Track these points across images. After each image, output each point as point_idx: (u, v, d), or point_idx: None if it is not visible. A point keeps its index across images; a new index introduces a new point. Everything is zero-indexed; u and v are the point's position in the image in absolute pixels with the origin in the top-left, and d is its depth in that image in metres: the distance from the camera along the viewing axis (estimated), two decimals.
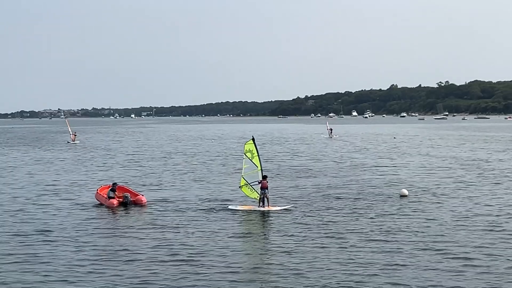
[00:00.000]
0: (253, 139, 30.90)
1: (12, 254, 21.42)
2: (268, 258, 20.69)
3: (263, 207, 29.52)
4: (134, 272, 18.93)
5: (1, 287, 17.79)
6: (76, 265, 19.91)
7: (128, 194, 31.23)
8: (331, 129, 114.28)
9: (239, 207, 30.14)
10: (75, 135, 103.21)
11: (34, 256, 21.13)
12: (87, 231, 25.31)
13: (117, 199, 30.95)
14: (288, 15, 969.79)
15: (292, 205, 30.79)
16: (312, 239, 23.09)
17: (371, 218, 27.34)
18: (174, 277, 18.37)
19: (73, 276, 18.61)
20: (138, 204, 31.08)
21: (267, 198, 29.78)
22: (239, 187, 31.33)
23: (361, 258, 20.13)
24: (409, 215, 28.03)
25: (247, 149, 30.65)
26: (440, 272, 18.58)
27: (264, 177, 29.81)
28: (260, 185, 29.73)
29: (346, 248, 21.64)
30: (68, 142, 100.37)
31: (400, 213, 28.43)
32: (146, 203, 31.34)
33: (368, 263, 19.50)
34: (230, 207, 30.40)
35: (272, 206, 29.85)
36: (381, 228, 24.92)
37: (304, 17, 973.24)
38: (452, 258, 20.17)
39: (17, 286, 17.86)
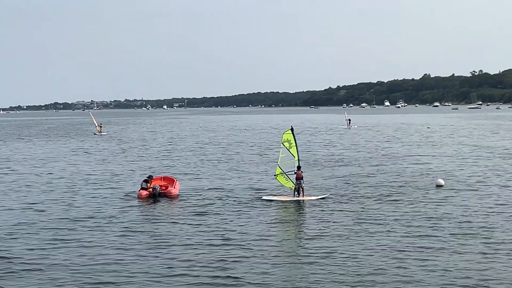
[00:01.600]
0: (291, 129, 31.21)
1: (62, 240, 22.39)
2: (307, 243, 21.38)
3: (298, 197, 29.96)
4: (185, 256, 19.73)
5: (55, 268, 18.69)
6: (129, 249, 20.82)
7: (157, 186, 31.64)
8: (349, 120, 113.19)
9: (273, 197, 30.56)
10: (101, 127, 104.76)
11: (84, 241, 22.06)
12: (133, 219, 26.26)
13: (148, 190, 31.61)
14: (320, 6, 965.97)
15: (328, 194, 31.21)
16: (349, 225, 23.71)
17: (408, 206, 27.78)
18: (223, 259, 19.20)
19: (127, 260, 19.43)
20: (167, 196, 31.40)
21: (302, 188, 30.19)
22: (275, 175, 31.76)
23: (398, 243, 20.69)
24: (446, 203, 28.32)
25: (285, 139, 30.98)
26: (476, 256, 19.07)
27: (298, 168, 30.16)
28: (295, 175, 30.14)
29: (383, 233, 22.22)
30: (94, 133, 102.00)
31: (437, 202, 28.72)
32: (176, 195, 31.60)
33: (405, 248, 20.07)
34: (264, 197, 30.78)
35: (307, 196, 30.26)
36: (418, 216, 25.37)
37: (336, 7, 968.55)
38: (489, 243, 20.61)
39: (70, 267, 18.74)
